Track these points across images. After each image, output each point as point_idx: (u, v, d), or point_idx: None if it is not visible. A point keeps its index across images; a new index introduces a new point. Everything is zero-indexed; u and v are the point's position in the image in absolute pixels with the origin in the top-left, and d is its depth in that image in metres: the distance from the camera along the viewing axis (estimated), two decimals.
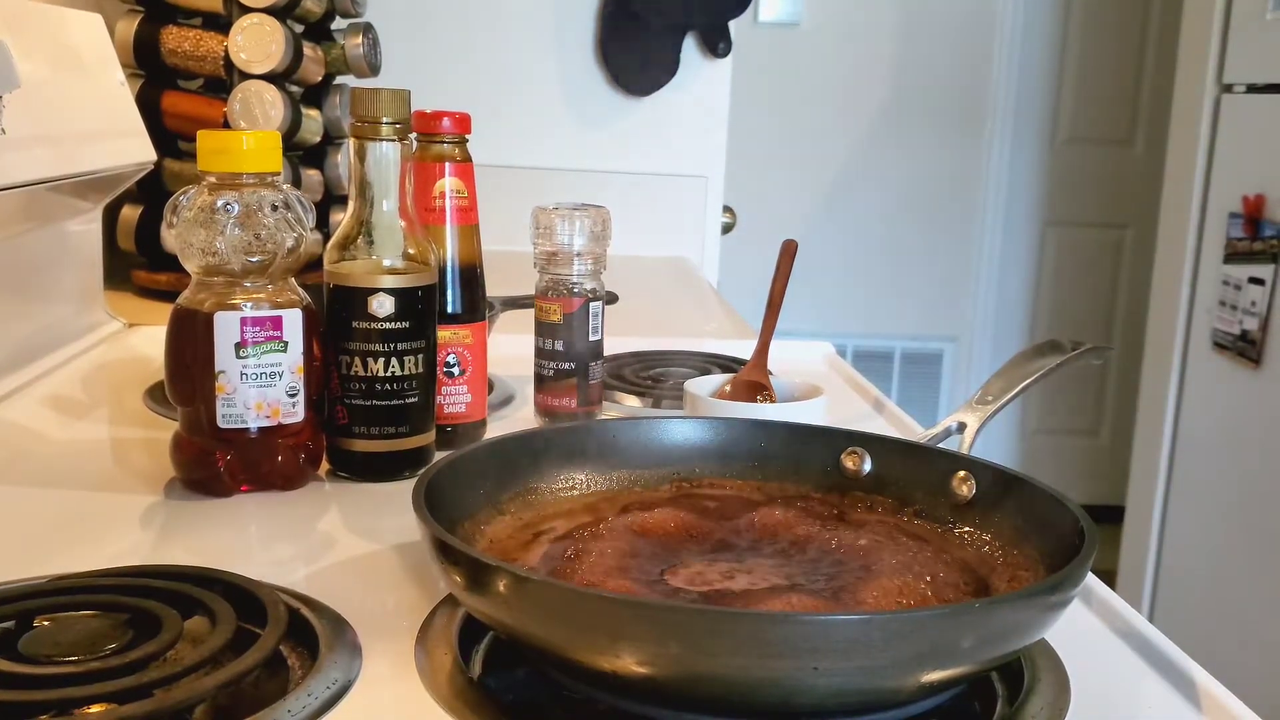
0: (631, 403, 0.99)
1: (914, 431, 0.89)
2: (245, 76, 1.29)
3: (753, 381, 0.88)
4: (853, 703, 0.45)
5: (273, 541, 0.69)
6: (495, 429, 0.87)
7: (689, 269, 1.89)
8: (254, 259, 0.71)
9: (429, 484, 0.55)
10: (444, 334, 0.81)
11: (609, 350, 0.93)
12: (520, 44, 1.93)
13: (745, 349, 1.17)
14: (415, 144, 0.80)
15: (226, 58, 1.29)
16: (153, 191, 1.36)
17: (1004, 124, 3.12)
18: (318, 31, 1.50)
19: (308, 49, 1.38)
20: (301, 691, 0.48)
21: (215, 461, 0.72)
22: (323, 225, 1.47)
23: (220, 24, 1.32)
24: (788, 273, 0.89)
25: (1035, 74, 3.12)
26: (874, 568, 0.55)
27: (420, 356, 0.76)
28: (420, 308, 0.75)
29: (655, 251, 1.91)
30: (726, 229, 2.05)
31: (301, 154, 1.48)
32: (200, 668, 0.48)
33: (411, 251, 0.75)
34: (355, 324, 0.74)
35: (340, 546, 0.68)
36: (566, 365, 0.87)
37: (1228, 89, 2.18)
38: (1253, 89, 2.10)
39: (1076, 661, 0.54)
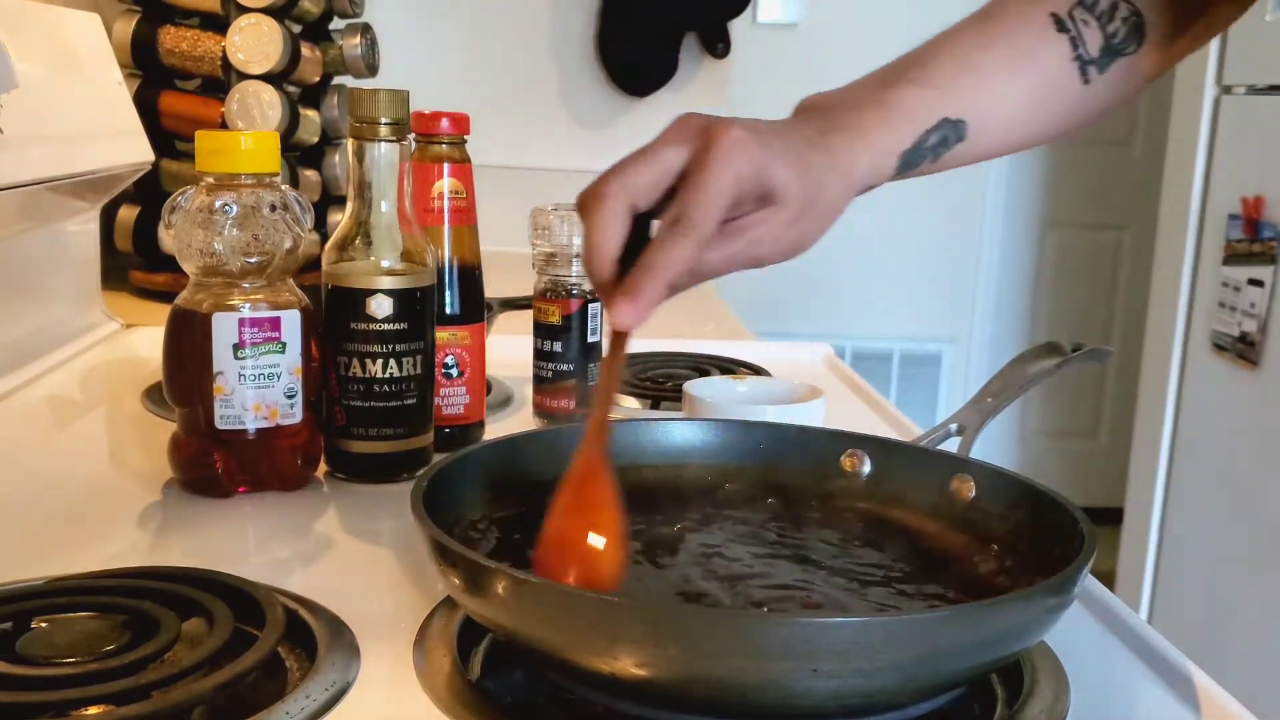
0: (630, 404, 0.99)
1: (913, 433, 0.89)
2: (243, 76, 1.29)
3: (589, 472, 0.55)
4: (852, 705, 0.45)
5: (271, 543, 0.69)
6: (494, 430, 0.87)
7: None
8: (252, 260, 0.71)
9: (427, 486, 0.55)
10: (442, 335, 0.81)
11: None
12: (519, 44, 1.93)
13: (744, 350, 1.17)
14: (414, 144, 0.80)
15: (224, 58, 1.29)
16: (150, 192, 1.36)
17: None
18: (315, 31, 1.50)
19: (305, 49, 1.38)
20: (299, 693, 0.48)
21: (213, 462, 0.72)
22: (320, 226, 1.47)
23: (218, 24, 1.32)
24: (621, 356, 0.54)
25: None
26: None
27: (418, 358, 0.75)
28: (418, 309, 0.75)
29: None
30: None
31: (299, 154, 1.48)
32: (198, 669, 0.48)
33: (410, 252, 0.75)
34: (353, 325, 0.74)
35: (338, 548, 0.68)
36: (565, 367, 0.87)
37: (1227, 90, 2.17)
38: (1252, 90, 2.10)
39: (1076, 663, 0.53)
